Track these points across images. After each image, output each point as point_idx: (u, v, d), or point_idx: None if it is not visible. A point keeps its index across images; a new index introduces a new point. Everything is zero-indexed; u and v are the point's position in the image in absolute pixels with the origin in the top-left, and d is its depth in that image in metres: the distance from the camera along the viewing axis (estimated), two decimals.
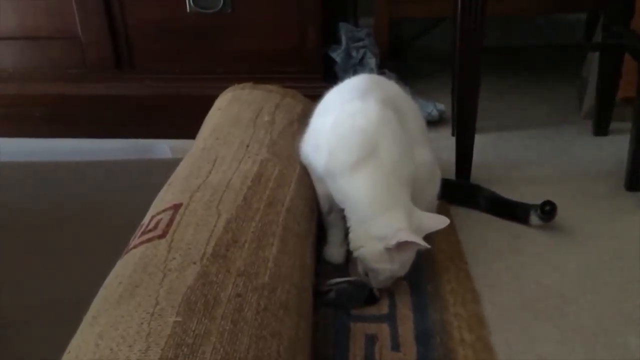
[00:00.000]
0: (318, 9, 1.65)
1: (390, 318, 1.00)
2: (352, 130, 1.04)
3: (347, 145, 1.03)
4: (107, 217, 1.30)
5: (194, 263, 0.79)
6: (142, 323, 0.69)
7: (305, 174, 1.12)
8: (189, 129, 1.30)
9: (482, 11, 1.27)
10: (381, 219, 0.98)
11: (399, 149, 1.03)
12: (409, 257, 1.00)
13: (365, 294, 1.04)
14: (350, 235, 1.03)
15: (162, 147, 1.68)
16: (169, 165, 1.12)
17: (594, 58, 1.69)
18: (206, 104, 1.36)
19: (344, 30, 1.83)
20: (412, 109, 1.19)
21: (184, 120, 1.35)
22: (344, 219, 1.06)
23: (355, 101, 1.07)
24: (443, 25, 2.12)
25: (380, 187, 1.00)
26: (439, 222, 1.01)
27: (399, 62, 2.18)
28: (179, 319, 0.70)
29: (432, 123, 1.76)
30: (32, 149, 1.73)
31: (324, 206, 1.12)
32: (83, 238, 1.23)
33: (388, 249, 0.96)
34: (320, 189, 1.12)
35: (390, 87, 1.19)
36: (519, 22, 2.49)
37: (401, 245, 0.95)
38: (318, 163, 1.08)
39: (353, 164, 1.01)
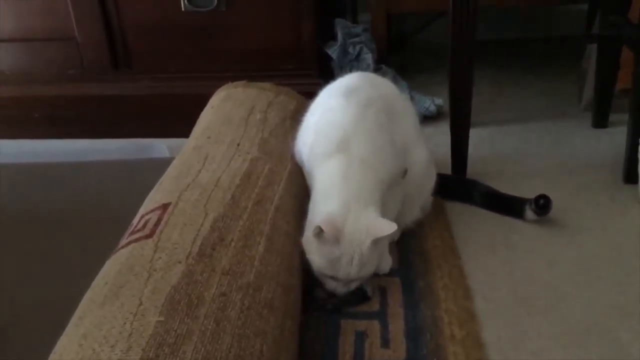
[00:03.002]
0: (312, 6, 1.64)
1: (381, 315, 0.99)
2: (329, 124, 1.05)
3: (322, 139, 1.04)
4: (105, 217, 1.30)
5: (179, 262, 0.79)
6: (125, 323, 0.70)
7: (296, 172, 1.11)
8: (186, 128, 1.30)
9: (474, 3, 1.26)
10: (322, 205, 0.97)
11: (373, 147, 1.02)
12: (333, 253, 0.93)
13: (360, 296, 1.03)
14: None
15: (160, 147, 1.68)
16: (167, 165, 1.12)
17: (593, 49, 1.67)
18: (202, 102, 1.37)
19: (340, 26, 1.82)
20: (405, 108, 1.18)
21: (181, 120, 1.35)
22: None
23: (339, 98, 1.08)
24: (442, 19, 2.11)
25: (339, 178, 0.98)
26: (387, 227, 0.94)
27: (398, 57, 2.17)
28: (162, 318, 0.70)
29: (430, 118, 1.75)
30: (31, 150, 1.74)
31: None
32: (81, 238, 1.23)
33: (314, 237, 0.94)
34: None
35: (383, 86, 1.18)
36: (519, 15, 2.47)
37: (324, 237, 0.92)
38: (304, 157, 1.09)
39: (325, 156, 1.02)
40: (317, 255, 0.95)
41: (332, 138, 1.02)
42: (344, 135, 1.01)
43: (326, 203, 0.97)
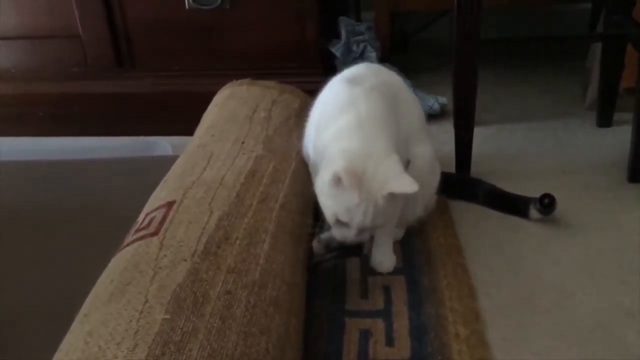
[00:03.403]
0: (316, 4, 1.64)
1: (385, 313, 0.99)
2: (333, 103, 1.04)
3: (328, 111, 1.03)
4: (108, 215, 1.30)
5: (185, 260, 0.79)
6: (130, 321, 0.70)
7: (300, 170, 1.11)
8: (189, 126, 1.30)
9: (478, 2, 1.26)
10: (341, 144, 0.95)
11: (381, 112, 1.00)
12: (349, 201, 0.91)
13: (355, 250, 1.03)
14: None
15: (164, 145, 1.69)
16: (171, 163, 1.12)
17: (597, 49, 1.66)
18: (206, 100, 1.37)
19: (344, 24, 1.82)
20: (410, 100, 1.16)
21: (185, 117, 1.35)
22: None
23: (343, 83, 1.07)
24: (445, 18, 2.10)
25: (355, 125, 0.96)
26: (408, 185, 0.90)
27: (401, 55, 2.16)
28: (168, 316, 0.70)
29: (434, 117, 1.75)
30: (35, 148, 1.74)
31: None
32: (85, 236, 1.24)
33: (331, 181, 0.92)
34: (318, 182, 1.11)
35: (388, 75, 1.17)
36: (524, 14, 2.46)
37: (341, 182, 0.90)
38: (310, 149, 1.09)
39: (332, 119, 1.00)
40: (332, 201, 0.93)
41: (338, 105, 1.00)
42: (350, 98, 1.00)
43: (345, 143, 0.94)
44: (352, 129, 0.96)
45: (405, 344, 0.93)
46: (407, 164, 1.07)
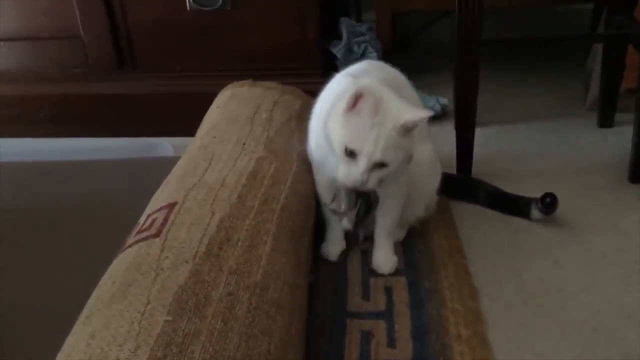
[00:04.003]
0: (317, 5, 1.64)
1: (387, 315, 0.99)
2: (342, 90, 1.02)
3: (335, 101, 1.01)
4: (109, 216, 1.31)
5: (187, 262, 0.79)
6: (132, 322, 0.70)
7: (302, 171, 1.11)
8: (191, 127, 1.30)
9: (479, 3, 1.26)
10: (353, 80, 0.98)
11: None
12: (363, 124, 0.92)
13: (367, 206, 1.04)
14: None
15: (165, 145, 1.69)
16: (172, 164, 1.12)
17: (598, 49, 1.66)
18: (208, 101, 1.37)
19: (345, 25, 1.82)
20: (413, 99, 1.16)
21: (186, 118, 1.35)
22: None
23: (347, 77, 1.07)
24: (446, 18, 2.11)
25: (365, 71, 1.02)
26: (421, 112, 0.94)
27: (402, 56, 2.16)
28: (170, 318, 0.70)
29: (435, 117, 1.74)
30: (37, 149, 1.75)
31: (325, 196, 1.12)
32: (87, 237, 1.24)
33: (349, 101, 0.93)
34: (321, 180, 1.11)
35: (391, 71, 1.16)
36: (525, 14, 2.46)
37: (356, 107, 0.92)
38: (313, 141, 1.09)
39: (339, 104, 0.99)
40: (344, 129, 0.94)
41: (345, 94, 0.97)
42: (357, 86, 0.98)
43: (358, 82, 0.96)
44: (362, 69, 1.01)
45: (407, 345, 0.93)
46: (410, 159, 1.07)
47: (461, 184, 1.36)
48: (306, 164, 1.13)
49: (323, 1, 1.68)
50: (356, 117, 0.93)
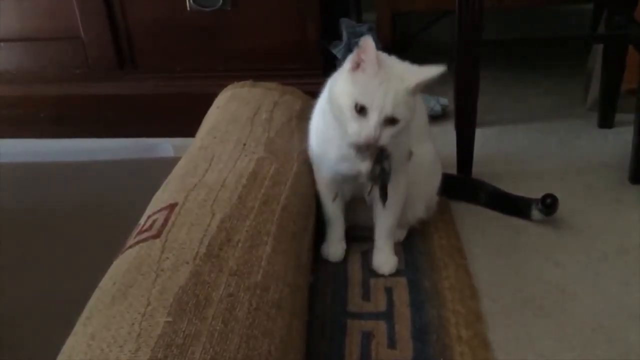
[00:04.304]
0: (317, 5, 1.64)
1: (387, 315, 0.99)
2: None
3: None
4: (110, 217, 1.31)
5: (187, 263, 0.79)
6: (133, 324, 0.70)
7: (302, 172, 1.11)
8: (191, 128, 1.30)
9: (480, 3, 1.26)
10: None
11: None
12: (370, 79, 0.93)
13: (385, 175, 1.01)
14: None
15: (165, 146, 1.69)
16: (172, 164, 1.12)
17: (599, 50, 1.66)
18: (208, 102, 1.37)
19: (345, 25, 1.82)
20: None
21: (187, 119, 1.35)
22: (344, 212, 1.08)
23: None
24: (447, 19, 2.10)
25: None
26: (432, 71, 0.97)
27: (402, 56, 2.16)
28: (170, 319, 0.70)
29: (436, 118, 1.75)
30: (37, 150, 1.75)
31: (327, 195, 1.12)
32: (87, 237, 1.24)
33: (352, 58, 0.95)
34: (321, 179, 1.12)
35: None
36: (525, 14, 2.46)
37: (360, 66, 0.93)
38: (314, 137, 1.09)
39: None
40: (352, 87, 0.94)
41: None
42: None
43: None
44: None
45: (407, 345, 0.93)
46: (410, 155, 1.07)
47: (461, 185, 1.36)
48: (307, 165, 1.14)
49: (323, 1, 1.68)
50: (362, 74, 0.94)
